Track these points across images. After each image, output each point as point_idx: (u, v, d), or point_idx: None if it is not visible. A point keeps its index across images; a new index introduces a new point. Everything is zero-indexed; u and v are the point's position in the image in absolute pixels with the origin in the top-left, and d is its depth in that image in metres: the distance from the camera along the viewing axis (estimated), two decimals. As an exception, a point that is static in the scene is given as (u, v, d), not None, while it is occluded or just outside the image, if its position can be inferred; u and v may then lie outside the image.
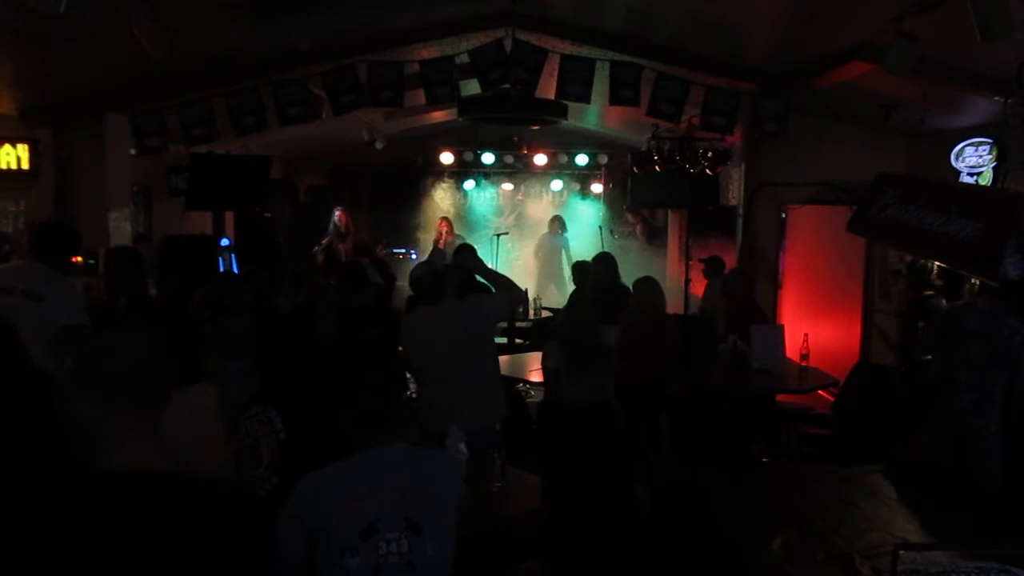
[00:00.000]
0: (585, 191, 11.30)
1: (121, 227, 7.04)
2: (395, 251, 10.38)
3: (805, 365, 6.12)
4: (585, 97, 6.71)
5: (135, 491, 1.59)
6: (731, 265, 7.68)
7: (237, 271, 7.78)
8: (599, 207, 11.18)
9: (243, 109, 6.62)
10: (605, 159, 10.79)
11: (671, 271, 9.61)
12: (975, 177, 6.22)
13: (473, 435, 3.53)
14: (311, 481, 2.34)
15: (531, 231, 11.08)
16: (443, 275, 4.49)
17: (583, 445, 4.39)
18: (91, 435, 1.67)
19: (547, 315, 8.54)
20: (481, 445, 3.59)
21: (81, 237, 4.39)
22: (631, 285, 5.84)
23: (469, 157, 10.82)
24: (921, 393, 4.73)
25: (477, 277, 4.70)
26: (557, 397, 4.58)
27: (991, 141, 6.17)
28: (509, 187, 11.48)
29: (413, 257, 10.37)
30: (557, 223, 10.76)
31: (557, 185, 11.34)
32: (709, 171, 8.02)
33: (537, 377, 5.40)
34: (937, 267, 5.73)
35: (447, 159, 10.79)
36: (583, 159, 10.79)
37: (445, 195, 11.39)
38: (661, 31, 6.67)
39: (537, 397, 5.92)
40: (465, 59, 6.70)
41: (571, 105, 6.65)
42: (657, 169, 8.24)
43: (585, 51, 6.75)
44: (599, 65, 6.62)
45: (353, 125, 8.64)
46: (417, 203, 11.20)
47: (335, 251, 9.40)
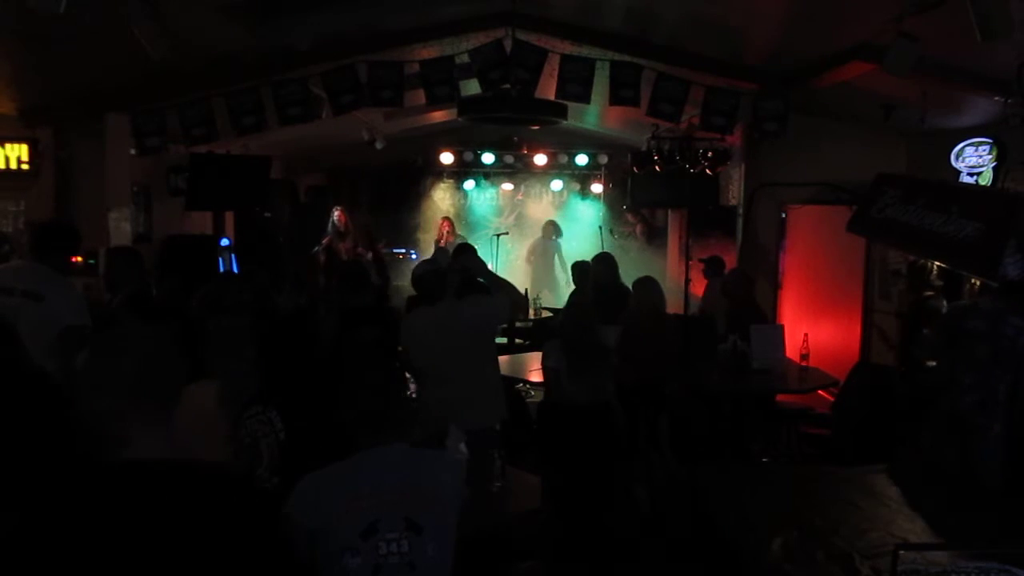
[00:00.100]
0: (585, 191, 11.29)
1: (121, 227, 7.04)
2: (395, 251, 10.37)
3: (805, 365, 6.12)
4: (585, 97, 6.70)
5: (152, 479, 1.59)
6: (731, 265, 7.68)
7: (237, 271, 7.79)
8: (599, 207, 11.17)
9: (243, 109, 6.61)
10: (605, 159, 10.78)
11: (671, 271, 9.61)
12: (975, 177, 6.22)
13: (473, 435, 3.52)
14: (311, 481, 2.34)
15: (531, 231, 11.08)
16: (445, 274, 4.49)
17: (583, 445, 4.39)
18: (104, 430, 1.67)
19: (547, 315, 8.54)
20: (481, 445, 3.58)
21: (81, 237, 4.39)
22: (631, 285, 5.84)
23: (469, 157, 10.81)
24: (921, 393, 4.73)
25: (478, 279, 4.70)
26: (557, 397, 4.58)
27: (991, 141, 6.17)
28: (509, 187, 11.47)
29: (413, 257, 10.38)
30: (551, 227, 10.75)
31: (557, 185, 11.33)
32: (709, 171, 8.03)
33: (537, 377, 5.40)
34: (937, 267, 5.73)
35: (447, 159, 10.79)
36: (583, 159, 10.79)
37: (445, 195, 11.39)
38: (661, 31, 6.67)
39: (537, 397, 5.92)
40: (465, 59, 6.70)
41: (571, 105, 6.66)
42: (657, 169, 8.24)
43: (585, 51, 6.74)
44: (599, 65, 6.62)
45: (353, 125, 8.64)
46: (417, 203, 11.19)
47: (335, 250, 9.41)
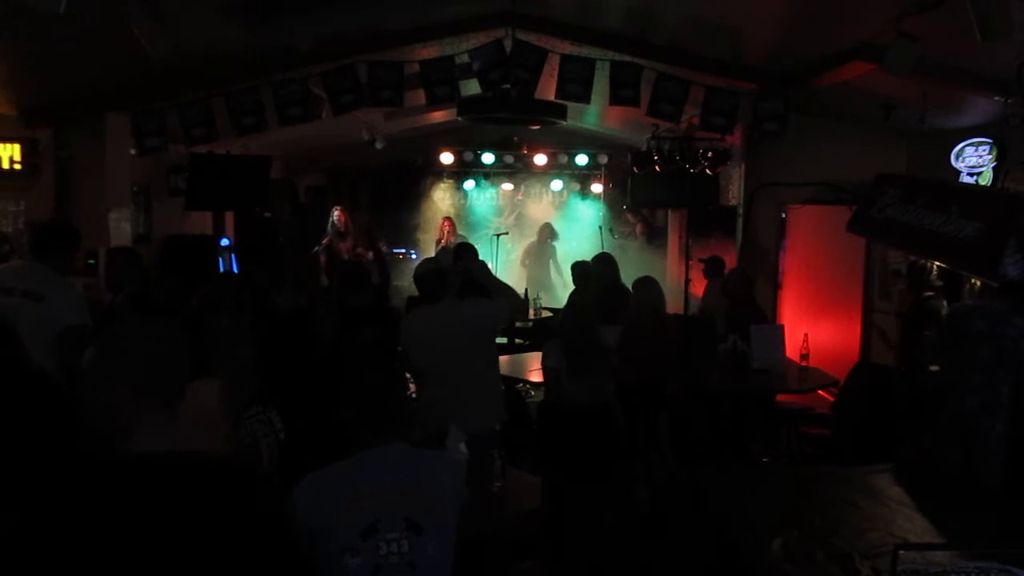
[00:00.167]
0: (585, 191, 11.29)
1: (121, 227, 7.04)
2: (395, 251, 10.37)
3: (805, 365, 6.13)
4: (585, 97, 6.70)
5: (159, 471, 1.58)
6: (731, 265, 7.68)
7: (237, 271, 7.79)
8: (599, 207, 11.17)
9: (243, 109, 6.61)
10: (605, 159, 10.77)
11: (671, 271, 9.61)
12: (975, 177, 6.22)
13: (471, 437, 3.52)
14: (311, 481, 2.34)
15: (531, 231, 11.07)
16: (447, 273, 4.49)
17: (583, 445, 4.39)
18: (109, 427, 1.67)
19: (547, 315, 8.54)
20: (480, 446, 3.58)
21: (81, 237, 4.39)
22: (631, 285, 5.84)
23: (469, 157, 10.81)
24: (921, 393, 4.73)
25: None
26: (557, 397, 4.58)
27: (991, 141, 6.16)
28: (509, 187, 11.46)
29: (413, 257, 10.38)
30: (546, 230, 10.72)
31: (557, 185, 11.33)
32: (709, 171, 8.02)
33: (537, 377, 5.40)
34: (937, 267, 5.73)
35: (447, 159, 10.78)
36: (583, 159, 10.78)
37: (445, 195, 11.38)
38: (661, 31, 6.67)
39: (537, 397, 5.92)
40: (465, 59, 6.70)
41: (571, 105, 6.65)
42: (657, 169, 8.24)
43: (585, 51, 6.74)
44: (599, 65, 6.61)
45: (353, 125, 8.64)
46: (417, 203, 11.18)
47: (336, 250, 9.42)
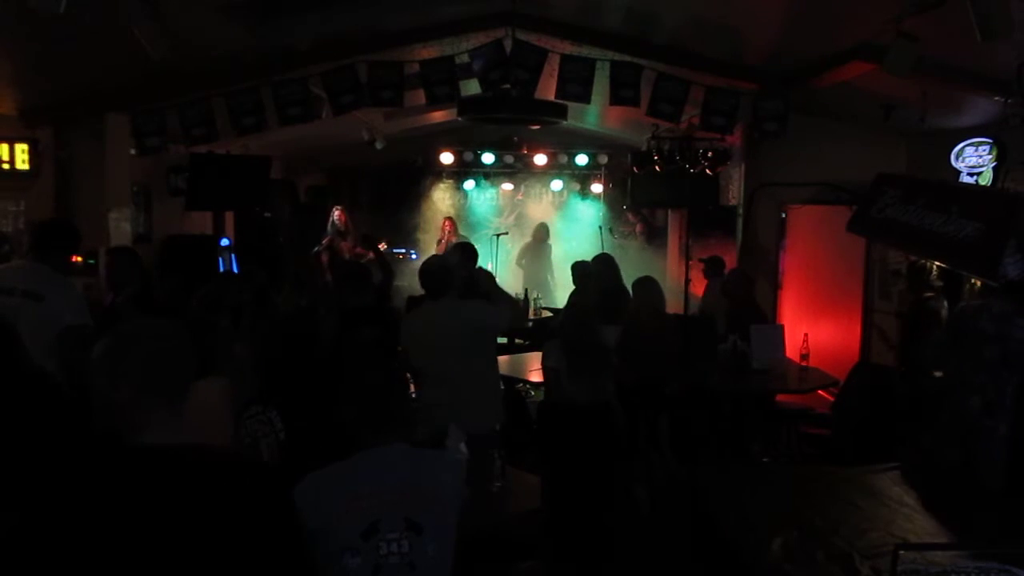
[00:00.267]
0: (585, 191, 11.29)
1: (121, 227, 7.03)
2: (395, 251, 10.37)
3: (805, 365, 6.13)
4: (585, 97, 6.70)
5: (166, 463, 1.60)
6: (731, 265, 7.68)
7: (237, 271, 7.80)
8: (599, 207, 11.17)
9: (243, 109, 6.61)
10: (605, 159, 10.77)
11: (671, 271, 9.61)
12: (975, 177, 6.21)
13: (471, 436, 3.52)
14: (311, 481, 2.34)
15: (531, 231, 11.07)
16: (452, 271, 4.50)
17: (583, 445, 4.38)
18: (115, 423, 1.67)
19: (547, 315, 8.54)
20: (480, 446, 3.58)
21: (81, 236, 4.39)
22: (631, 285, 5.84)
23: (469, 157, 10.81)
24: (921, 393, 4.73)
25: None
26: (557, 397, 4.57)
27: (991, 141, 6.16)
28: (509, 187, 11.46)
29: (413, 257, 10.38)
30: (542, 231, 10.67)
31: (557, 185, 11.33)
32: (709, 171, 8.02)
33: (537, 377, 5.40)
34: (937, 267, 5.73)
35: (447, 159, 10.78)
36: (583, 159, 10.78)
37: (445, 195, 11.38)
38: (661, 31, 6.67)
39: (537, 397, 5.92)
40: (465, 59, 6.70)
41: (571, 105, 6.66)
42: (657, 169, 8.24)
43: (585, 51, 6.74)
44: (599, 65, 6.61)
45: (353, 125, 8.64)
46: (417, 203, 11.17)
47: (337, 250, 9.42)
